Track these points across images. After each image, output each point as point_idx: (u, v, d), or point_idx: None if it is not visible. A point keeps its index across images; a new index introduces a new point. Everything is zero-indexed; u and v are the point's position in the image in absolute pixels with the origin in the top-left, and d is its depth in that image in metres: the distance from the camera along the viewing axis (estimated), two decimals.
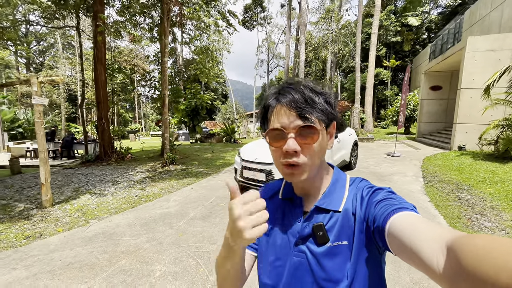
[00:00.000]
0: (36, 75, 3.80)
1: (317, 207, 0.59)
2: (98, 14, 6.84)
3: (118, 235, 3.17)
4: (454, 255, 0.31)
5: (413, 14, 25.41)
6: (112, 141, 9.11)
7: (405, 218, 0.44)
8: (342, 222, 0.56)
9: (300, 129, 0.53)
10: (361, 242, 0.53)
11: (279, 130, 0.55)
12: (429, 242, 0.37)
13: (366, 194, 0.56)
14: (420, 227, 0.40)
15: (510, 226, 3.14)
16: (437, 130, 12.53)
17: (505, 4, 10.40)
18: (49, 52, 31.24)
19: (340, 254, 0.54)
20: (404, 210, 0.46)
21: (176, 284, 2.23)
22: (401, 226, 0.42)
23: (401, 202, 0.49)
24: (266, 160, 4.27)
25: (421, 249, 0.37)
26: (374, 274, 0.55)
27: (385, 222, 0.46)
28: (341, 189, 0.61)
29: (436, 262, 0.34)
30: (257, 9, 33.06)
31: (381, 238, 0.47)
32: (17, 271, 2.48)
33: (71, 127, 22.95)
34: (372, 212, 0.51)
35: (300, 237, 0.59)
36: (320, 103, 0.55)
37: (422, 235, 0.38)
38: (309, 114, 0.53)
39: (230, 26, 8.96)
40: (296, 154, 0.54)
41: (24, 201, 4.50)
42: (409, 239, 0.39)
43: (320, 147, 0.56)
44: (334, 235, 0.56)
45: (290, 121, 0.54)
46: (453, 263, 0.31)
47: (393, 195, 0.53)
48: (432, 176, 5.64)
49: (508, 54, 7.69)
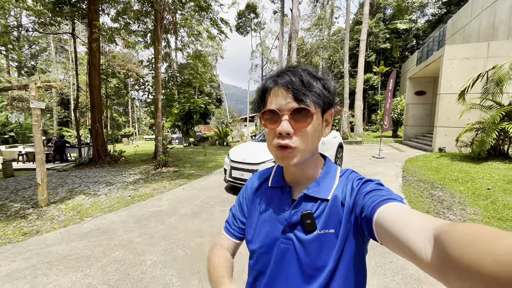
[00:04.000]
0: (34, 80, 4.00)
1: (306, 195, 0.60)
2: (93, 22, 7.07)
3: (112, 231, 3.38)
4: (440, 244, 0.31)
5: (401, 22, 26.34)
6: (106, 144, 9.26)
7: (393, 208, 0.44)
8: (330, 210, 0.57)
9: (295, 111, 0.53)
10: (347, 231, 0.55)
11: (274, 112, 0.55)
12: (416, 231, 0.37)
13: (357, 185, 0.56)
14: (407, 217, 0.41)
15: (471, 219, 3.47)
16: (421, 133, 13.06)
17: (482, 15, 11.05)
18: (41, 56, 31.06)
19: (326, 242, 0.55)
20: (392, 201, 0.47)
21: (165, 271, 2.46)
22: (388, 216, 0.43)
23: (389, 194, 0.50)
24: (253, 160, 4.55)
25: (409, 239, 0.37)
26: (357, 262, 0.57)
27: (373, 212, 0.47)
28: (331, 179, 0.61)
29: (424, 251, 0.34)
30: (250, 15, 33.71)
31: (368, 228, 0.48)
32: (17, 263, 2.66)
33: (63, 130, 22.80)
34: (361, 202, 0.52)
35: (288, 225, 0.60)
36: (317, 88, 0.55)
37: (409, 225, 0.39)
38: (304, 97, 0.53)
39: (222, 33, 9.30)
40: (289, 137, 0.54)
41: (20, 201, 4.64)
42: (397, 229, 0.40)
43: (314, 132, 0.56)
44: (322, 224, 0.57)
45: (286, 103, 0.54)
46: (440, 251, 0.31)
47: (381, 186, 0.54)
48: (411, 176, 6.00)
49: (482, 62, 8.22)
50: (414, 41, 27.73)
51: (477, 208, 3.80)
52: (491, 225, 3.22)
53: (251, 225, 0.68)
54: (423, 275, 2.27)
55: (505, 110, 6.12)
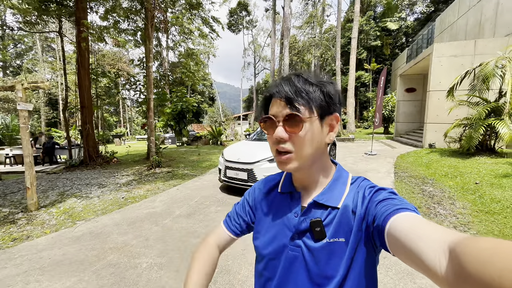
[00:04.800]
0: (21, 81, 3.89)
1: (315, 202, 0.59)
2: (81, 21, 6.90)
3: (106, 234, 3.33)
4: (457, 258, 0.30)
5: (391, 20, 26.71)
6: (97, 145, 9.09)
7: (406, 218, 0.43)
8: (340, 219, 0.56)
9: (287, 117, 0.55)
10: (358, 240, 0.54)
11: (269, 118, 0.58)
12: (431, 243, 0.36)
13: (369, 194, 0.55)
14: (421, 228, 0.40)
15: (460, 213, 3.58)
16: (412, 129, 13.33)
17: (469, 13, 11.30)
18: (27, 55, 30.15)
19: (336, 250, 0.55)
20: (405, 210, 0.45)
21: (161, 273, 2.44)
22: (401, 227, 0.42)
23: (403, 203, 0.48)
24: (247, 160, 4.55)
25: (423, 251, 0.36)
26: (367, 273, 0.55)
27: (385, 222, 0.45)
28: (342, 186, 0.60)
29: (438, 265, 0.33)
30: (242, 13, 33.55)
31: (380, 238, 0.47)
32: (7, 269, 2.60)
33: (52, 131, 22.24)
34: (373, 211, 0.51)
35: (297, 232, 0.59)
36: (311, 93, 0.55)
37: (423, 236, 0.38)
38: (297, 103, 0.54)
39: (213, 31, 9.23)
40: (284, 142, 0.56)
41: (8, 206, 4.52)
42: (410, 240, 0.39)
43: (310, 137, 0.56)
44: (331, 232, 0.56)
45: (280, 110, 0.56)
46: (456, 266, 0.30)
47: (395, 195, 0.53)
48: (403, 172, 6.13)
49: (470, 59, 8.43)
50: (404, 39, 28.20)
51: (465, 202, 3.91)
52: (480, 219, 3.34)
53: (260, 231, 0.68)
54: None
55: (490, 107, 6.31)
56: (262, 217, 0.69)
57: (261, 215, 0.70)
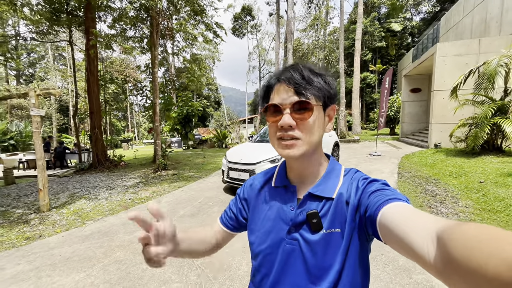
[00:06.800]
0: (34, 88, 4.11)
1: (311, 194, 0.60)
2: (90, 30, 7.20)
3: (113, 233, 3.47)
4: (444, 244, 0.31)
5: (396, 21, 26.55)
6: (105, 149, 9.36)
7: (397, 208, 0.44)
8: (335, 209, 0.57)
9: (296, 104, 0.55)
10: (352, 230, 0.55)
11: (276, 106, 0.57)
12: (419, 231, 0.36)
13: (362, 185, 0.56)
14: (411, 216, 0.41)
15: (462, 211, 3.57)
16: (418, 130, 13.16)
17: (475, 11, 11.19)
18: (40, 64, 31.24)
19: (332, 241, 0.55)
20: (397, 200, 0.47)
21: (165, 269, 2.54)
22: (392, 216, 0.43)
23: (395, 193, 0.50)
24: (250, 161, 4.64)
25: (412, 238, 0.37)
26: (362, 261, 0.57)
27: (377, 211, 0.47)
28: (335, 178, 0.61)
29: (426, 251, 0.34)
30: (246, 18, 33.93)
31: (372, 227, 0.48)
32: (21, 265, 2.75)
33: (62, 137, 22.90)
34: (366, 201, 0.52)
35: (294, 225, 0.59)
36: (317, 82, 0.57)
37: (413, 224, 0.38)
38: (305, 91, 0.55)
39: (217, 37, 9.44)
40: (291, 129, 0.56)
41: (22, 207, 4.73)
42: (400, 228, 0.40)
43: (317, 125, 0.57)
44: (328, 223, 0.56)
45: (288, 97, 0.56)
46: (443, 252, 0.30)
47: (387, 187, 0.54)
48: (407, 172, 6.10)
49: (474, 58, 8.34)
50: (410, 39, 27.93)
51: (468, 201, 3.89)
52: (482, 217, 3.33)
53: (255, 227, 0.67)
54: (412, 265, 2.36)
55: (496, 105, 6.22)
56: (256, 213, 0.69)
57: (255, 211, 0.70)
